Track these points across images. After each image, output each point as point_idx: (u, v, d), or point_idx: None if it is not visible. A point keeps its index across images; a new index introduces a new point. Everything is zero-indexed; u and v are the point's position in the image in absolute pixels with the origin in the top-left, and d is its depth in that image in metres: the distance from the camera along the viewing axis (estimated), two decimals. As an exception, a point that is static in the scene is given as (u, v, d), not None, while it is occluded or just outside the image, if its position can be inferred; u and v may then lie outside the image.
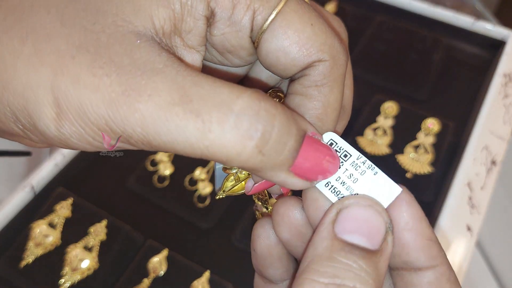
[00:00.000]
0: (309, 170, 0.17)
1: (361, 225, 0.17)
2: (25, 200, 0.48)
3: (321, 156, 0.17)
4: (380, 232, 0.17)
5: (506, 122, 0.53)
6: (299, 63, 0.18)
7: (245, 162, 0.16)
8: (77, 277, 0.43)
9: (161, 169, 0.51)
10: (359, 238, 0.16)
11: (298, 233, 0.19)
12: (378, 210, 0.17)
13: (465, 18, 0.63)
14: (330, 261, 0.16)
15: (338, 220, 0.17)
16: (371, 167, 0.18)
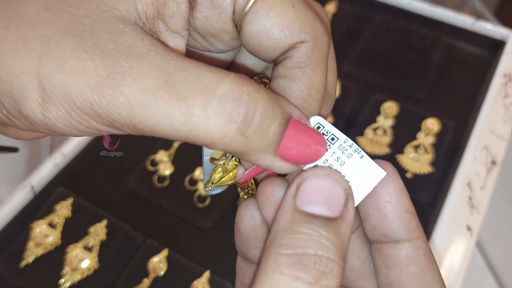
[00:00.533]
0: (295, 153, 0.17)
1: (320, 194, 0.17)
2: (25, 200, 0.48)
3: (308, 139, 0.17)
4: (339, 199, 0.17)
5: (506, 122, 0.53)
6: (281, 45, 0.18)
7: (228, 145, 0.16)
8: (77, 277, 0.43)
9: (161, 169, 0.51)
10: (319, 208, 0.17)
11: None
12: (336, 178, 0.17)
13: (465, 18, 0.63)
14: (292, 233, 0.16)
15: (298, 193, 0.17)
16: (357, 151, 0.19)
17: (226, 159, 0.22)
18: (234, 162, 0.22)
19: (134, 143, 0.55)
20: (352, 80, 0.59)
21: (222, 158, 0.22)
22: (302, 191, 0.17)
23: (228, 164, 0.22)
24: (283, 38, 0.18)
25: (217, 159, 0.22)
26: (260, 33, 0.18)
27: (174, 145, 0.53)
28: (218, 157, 0.22)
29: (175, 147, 0.53)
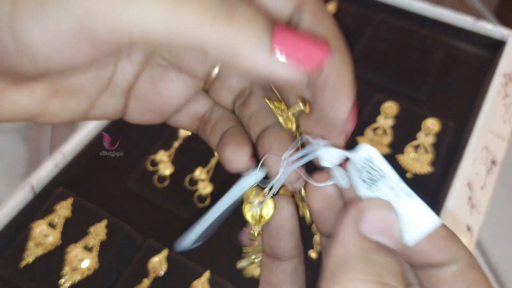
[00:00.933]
0: (296, 45, 0.16)
1: (385, 226, 0.17)
2: (25, 200, 0.48)
3: (300, 37, 0.17)
4: (399, 233, 0.18)
5: (506, 122, 0.53)
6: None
7: (211, 36, 0.16)
8: (77, 277, 0.43)
9: (161, 169, 0.51)
10: (385, 238, 0.17)
11: (329, 203, 0.20)
12: (396, 213, 0.18)
13: (465, 18, 0.63)
14: (365, 259, 0.16)
15: (363, 220, 0.17)
16: (408, 194, 0.18)
17: (263, 198, 0.22)
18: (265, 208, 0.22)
19: (134, 143, 0.55)
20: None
21: (259, 198, 0.23)
22: (367, 218, 0.17)
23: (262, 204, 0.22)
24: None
25: (251, 199, 0.23)
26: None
27: (174, 145, 0.53)
28: (253, 198, 0.23)
29: (175, 147, 0.53)
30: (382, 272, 0.16)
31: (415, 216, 0.18)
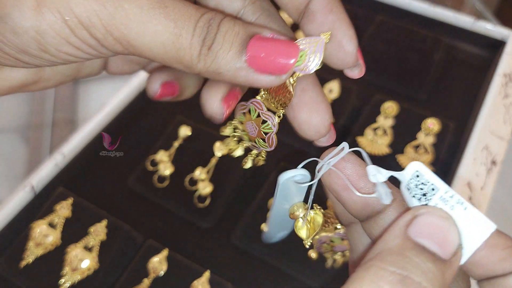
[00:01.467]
0: (263, 61, 0.18)
1: (435, 232, 0.17)
2: (25, 200, 0.48)
3: (274, 48, 0.18)
4: (452, 245, 0.17)
5: (506, 122, 0.53)
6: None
7: (203, 65, 0.18)
8: (77, 277, 0.43)
9: (161, 169, 0.51)
10: (432, 244, 0.17)
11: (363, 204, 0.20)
12: (454, 225, 0.18)
13: (465, 18, 0.63)
14: (400, 255, 0.16)
15: (413, 223, 0.17)
16: (460, 202, 0.18)
17: (306, 211, 0.22)
18: (315, 211, 0.22)
19: (134, 143, 0.55)
20: (352, 80, 0.59)
21: (302, 211, 0.22)
22: (418, 222, 0.17)
23: (307, 215, 0.22)
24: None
25: (295, 212, 0.22)
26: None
27: (174, 145, 0.53)
28: (297, 212, 0.22)
29: (175, 147, 0.53)
30: (412, 269, 0.16)
31: (469, 223, 0.18)
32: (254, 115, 0.21)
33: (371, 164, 0.19)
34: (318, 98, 0.20)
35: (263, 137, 0.21)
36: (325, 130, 0.20)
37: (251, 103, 0.21)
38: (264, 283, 0.45)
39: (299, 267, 0.44)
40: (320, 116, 0.20)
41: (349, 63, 0.20)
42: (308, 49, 0.19)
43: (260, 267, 0.45)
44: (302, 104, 0.20)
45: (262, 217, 0.47)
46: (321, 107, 0.20)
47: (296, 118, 0.20)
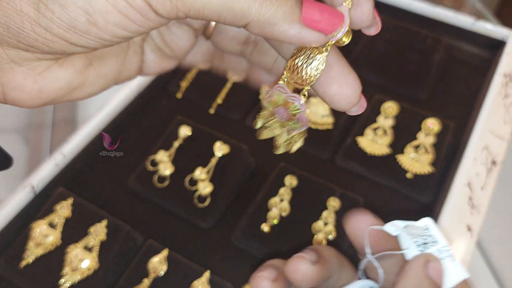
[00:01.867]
0: (318, 19, 0.20)
1: (439, 274, 0.25)
2: (25, 200, 0.48)
3: (323, 6, 0.20)
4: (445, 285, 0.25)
5: (506, 122, 0.53)
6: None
7: (261, 13, 0.19)
8: (77, 277, 0.43)
9: (161, 169, 0.51)
10: (439, 282, 0.25)
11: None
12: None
13: (465, 18, 0.63)
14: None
15: (429, 266, 0.24)
16: (451, 255, 0.25)
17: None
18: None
19: (134, 143, 0.55)
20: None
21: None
22: (433, 265, 0.24)
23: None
24: None
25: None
26: None
27: (174, 145, 0.53)
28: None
29: (175, 147, 0.53)
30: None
31: (451, 271, 0.25)
32: (280, 100, 0.21)
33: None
34: (345, 70, 0.21)
35: (294, 118, 0.21)
36: (357, 99, 0.21)
37: (275, 89, 0.22)
38: (264, 283, 0.45)
39: (299, 267, 0.44)
40: (351, 87, 0.21)
41: (367, 21, 0.22)
42: None
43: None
44: (331, 79, 0.21)
45: (262, 217, 0.47)
46: (350, 79, 0.21)
47: (327, 93, 0.21)
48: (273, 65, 0.25)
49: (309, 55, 0.20)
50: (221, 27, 0.25)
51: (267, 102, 0.22)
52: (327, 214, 0.47)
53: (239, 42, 0.25)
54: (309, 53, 0.21)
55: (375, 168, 0.51)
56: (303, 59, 0.21)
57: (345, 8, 0.20)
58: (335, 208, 0.47)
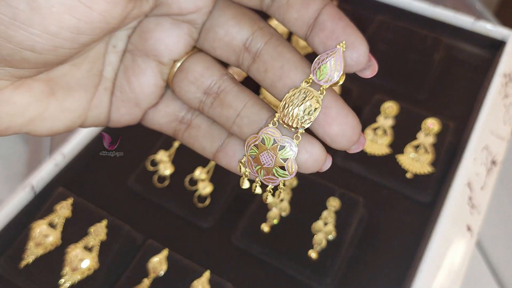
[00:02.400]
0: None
1: None
2: (25, 200, 0.48)
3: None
4: None
5: (506, 122, 0.53)
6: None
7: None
8: (77, 277, 0.43)
9: (161, 169, 0.51)
10: None
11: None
12: None
13: (465, 18, 0.63)
14: None
15: None
16: None
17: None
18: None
19: (134, 143, 0.55)
20: (352, 80, 0.59)
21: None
22: None
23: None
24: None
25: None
26: None
27: (174, 145, 0.53)
28: None
29: (175, 147, 0.53)
30: None
31: None
32: (269, 144, 0.20)
33: None
34: (344, 110, 0.21)
35: (282, 164, 0.20)
36: (358, 138, 0.21)
37: (263, 132, 0.20)
38: (264, 283, 0.45)
39: (299, 267, 0.44)
40: (351, 127, 0.21)
41: (362, 64, 0.21)
42: (329, 61, 0.20)
43: (260, 267, 0.46)
44: (331, 119, 0.21)
45: (262, 217, 0.47)
46: (350, 119, 0.21)
47: (328, 133, 0.21)
48: (234, 122, 0.21)
49: (304, 98, 0.20)
50: (186, 65, 0.22)
51: (251, 147, 0.21)
52: (327, 214, 0.47)
53: (199, 89, 0.22)
54: (304, 96, 0.20)
55: (375, 168, 0.51)
56: (298, 102, 0.20)
57: (339, 50, 0.20)
58: (335, 208, 0.47)
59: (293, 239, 0.46)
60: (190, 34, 0.21)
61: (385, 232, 0.48)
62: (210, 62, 0.22)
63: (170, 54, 0.22)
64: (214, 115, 0.22)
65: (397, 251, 0.46)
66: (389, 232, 0.48)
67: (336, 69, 0.20)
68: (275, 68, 0.20)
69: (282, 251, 0.45)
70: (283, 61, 0.20)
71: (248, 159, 0.21)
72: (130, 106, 0.23)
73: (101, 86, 0.22)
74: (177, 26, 0.21)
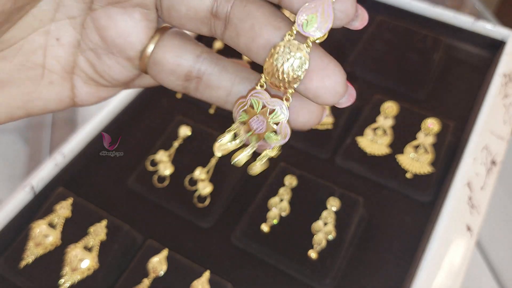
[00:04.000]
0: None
1: None
2: (25, 200, 0.48)
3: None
4: None
5: (506, 122, 0.53)
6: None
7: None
8: (77, 277, 0.43)
9: (161, 169, 0.51)
10: None
11: None
12: None
13: (465, 18, 0.63)
14: None
15: None
16: None
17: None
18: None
19: (134, 143, 0.55)
20: (352, 80, 0.59)
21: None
22: None
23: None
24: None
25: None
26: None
27: (174, 145, 0.53)
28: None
29: (175, 147, 0.53)
30: None
31: None
32: (258, 108, 0.19)
33: None
34: (324, 59, 0.19)
35: (274, 129, 0.19)
36: (344, 89, 0.19)
37: (251, 95, 0.19)
38: (264, 283, 0.45)
39: (299, 267, 0.44)
40: (334, 77, 0.18)
41: (351, 15, 0.19)
42: (317, 11, 0.18)
43: (260, 267, 0.46)
44: (310, 72, 0.18)
45: (262, 217, 0.47)
46: (332, 68, 0.18)
47: (309, 89, 0.18)
48: (227, 99, 0.20)
49: (289, 53, 0.18)
50: (157, 58, 0.21)
51: (240, 112, 0.19)
52: (327, 214, 0.47)
53: (178, 78, 0.21)
54: (289, 51, 0.18)
55: (375, 168, 0.51)
56: (283, 59, 0.18)
57: (329, 2, 0.17)
58: (335, 208, 0.47)
59: (293, 239, 0.46)
60: (146, 17, 0.20)
61: (385, 232, 0.48)
62: (181, 46, 0.21)
63: (133, 46, 0.21)
64: (203, 97, 0.21)
65: (397, 251, 0.46)
66: (389, 232, 0.48)
67: (325, 20, 0.18)
68: (246, 30, 0.19)
69: (282, 251, 0.45)
70: (253, 20, 0.19)
71: (238, 125, 0.20)
72: (108, 90, 0.23)
73: (44, 80, 0.21)
74: (129, 14, 0.20)
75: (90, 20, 0.20)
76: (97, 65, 0.21)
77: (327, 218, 0.47)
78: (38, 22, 0.20)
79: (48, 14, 0.20)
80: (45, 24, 0.20)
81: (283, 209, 0.48)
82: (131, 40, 0.20)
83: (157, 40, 0.21)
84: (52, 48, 0.21)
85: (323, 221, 0.47)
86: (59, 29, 0.20)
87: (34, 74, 0.21)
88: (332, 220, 0.46)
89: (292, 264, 0.45)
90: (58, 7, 0.20)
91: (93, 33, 0.21)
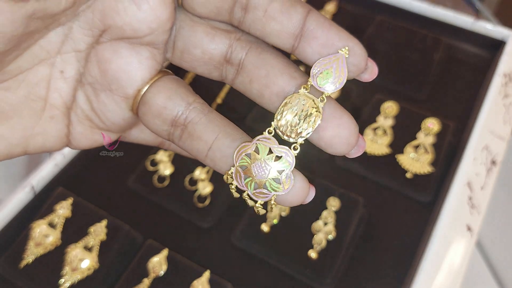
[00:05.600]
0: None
1: None
2: (25, 200, 0.48)
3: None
4: None
5: (506, 122, 0.53)
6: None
7: None
8: (77, 277, 0.43)
9: (161, 169, 0.51)
10: None
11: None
12: None
13: (465, 18, 0.63)
14: None
15: None
16: None
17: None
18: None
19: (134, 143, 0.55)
20: (352, 80, 0.59)
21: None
22: None
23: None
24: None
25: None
26: None
27: (174, 145, 0.53)
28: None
29: (175, 147, 0.53)
30: None
31: None
32: (264, 153, 0.19)
33: None
34: (338, 111, 0.19)
35: (277, 177, 0.19)
36: (356, 140, 0.19)
37: (257, 140, 0.19)
38: (264, 283, 0.45)
39: (299, 267, 0.44)
40: (348, 128, 0.19)
41: (363, 68, 0.20)
42: (332, 66, 0.18)
43: (260, 267, 0.46)
44: (325, 122, 0.19)
45: (262, 217, 0.47)
46: (345, 119, 0.19)
47: (323, 138, 0.19)
48: (207, 155, 0.19)
49: (303, 106, 0.18)
50: (147, 97, 0.20)
51: (243, 156, 0.19)
52: (327, 214, 0.47)
53: (164, 122, 0.20)
54: (303, 103, 0.18)
55: (375, 168, 0.51)
56: (297, 112, 0.18)
57: (343, 56, 0.18)
58: (335, 208, 0.47)
59: (293, 239, 0.46)
60: (153, 56, 0.20)
61: (385, 232, 0.48)
62: (174, 90, 0.20)
63: (134, 84, 0.20)
64: (185, 147, 0.20)
65: (397, 251, 0.46)
66: (389, 232, 0.48)
67: (340, 75, 0.18)
68: (260, 77, 0.19)
69: (282, 251, 0.45)
70: (268, 68, 0.19)
71: (237, 170, 0.19)
72: (101, 133, 0.22)
73: (46, 115, 0.20)
74: (136, 50, 0.20)
75: (93, 52, 0.20)
76: (94, 101, 0.21)
77: (327, 218, 0.47)
78: (45, 53, 0.19)
79: (56, 45, 0.19)
80: (51, 55, 0.20)
81: (283, 209, 0.48)
82: (132, 77, 0.20)
83: (154, 81, 0.20)
84: (55, 81, 0.20)
85: (323, 221, 0.47)
86: (64, 62, 0.20)
87: (36, 107, 0.20)
88: (332, 220, 0.46)
89: (292, 264, 0.45)
90: (66, 39, 0.19)
91: (94, 66, 0.20)
